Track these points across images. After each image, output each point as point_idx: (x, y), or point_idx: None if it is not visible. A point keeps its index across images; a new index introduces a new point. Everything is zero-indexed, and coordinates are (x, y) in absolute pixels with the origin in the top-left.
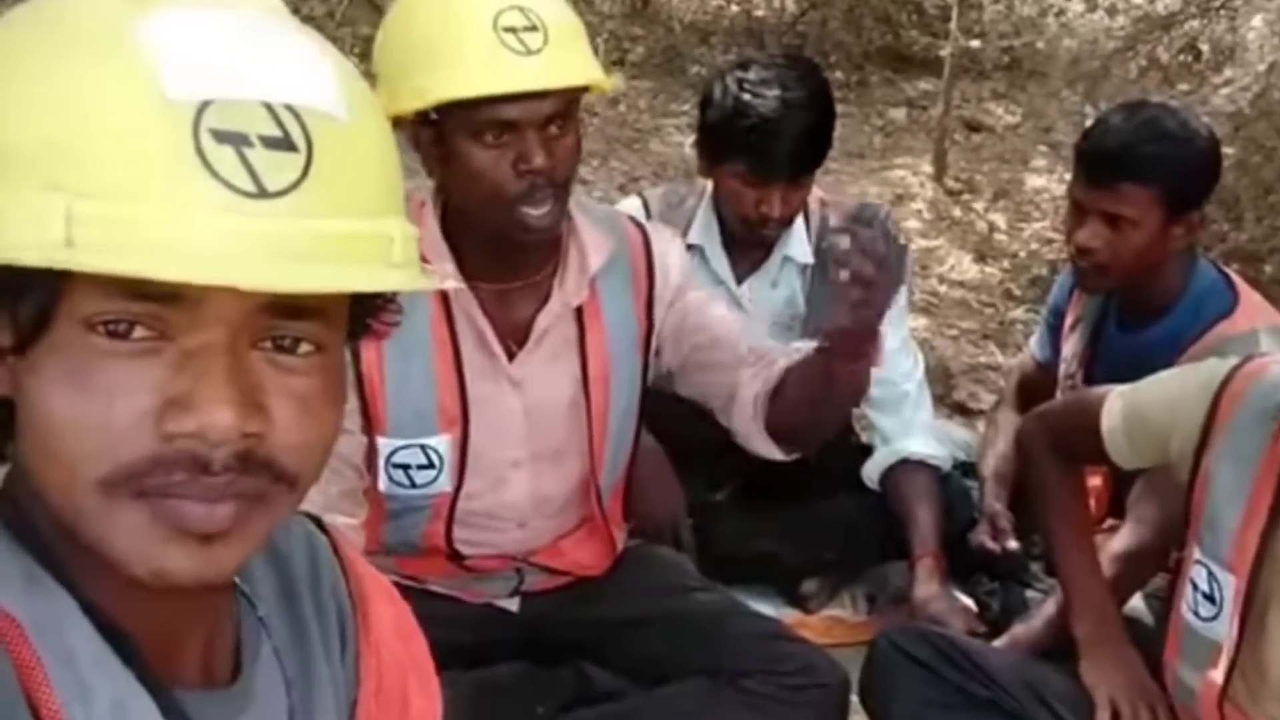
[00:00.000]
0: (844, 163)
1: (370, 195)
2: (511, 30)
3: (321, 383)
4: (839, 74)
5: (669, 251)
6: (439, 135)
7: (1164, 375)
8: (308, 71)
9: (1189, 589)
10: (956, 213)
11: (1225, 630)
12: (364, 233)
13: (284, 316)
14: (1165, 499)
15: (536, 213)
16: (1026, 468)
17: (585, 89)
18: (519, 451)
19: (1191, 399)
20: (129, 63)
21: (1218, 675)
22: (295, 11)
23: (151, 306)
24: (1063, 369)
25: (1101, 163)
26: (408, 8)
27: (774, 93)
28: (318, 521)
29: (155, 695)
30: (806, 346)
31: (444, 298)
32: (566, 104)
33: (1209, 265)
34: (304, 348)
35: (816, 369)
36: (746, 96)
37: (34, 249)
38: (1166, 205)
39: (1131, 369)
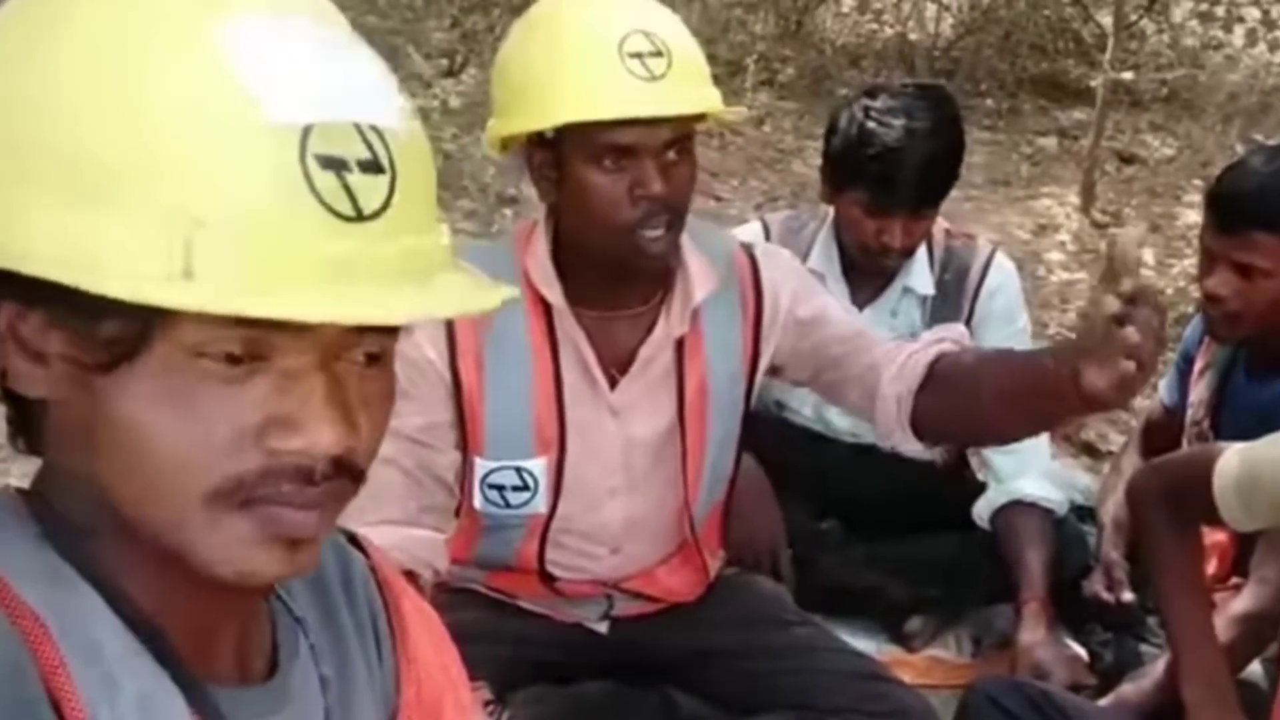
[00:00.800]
0: (988, 190)
1: (432, 207)
2: (636, 55)
3: (388, 384)
4: (990, 101)
5: (779, 277)
6: (556, 158)
7: None
8: (380, 89)
9: None
10: (1102, 246)
11: None
12: (437, 245)
13: (372, 332)
14: None
15: (652, 236)
16: (1138, 521)
17: (703, 117)
18: (615, 479)
19: None
20: (226, 88)
21: None
22: None
23: (258, 333)
24: (1189, 415)
25: (1233, 209)
26: (530, 29)
27: (899, 122)
28: (352, 538)
29: (185, 690)
30: (952, 334)
31: (548, 321)
32: (685, 131)
33: None
34: (382, 356)
35: (1049, 388)
36: (871, 125)
37: (152, 281)
38: None
39: (1258, 421)
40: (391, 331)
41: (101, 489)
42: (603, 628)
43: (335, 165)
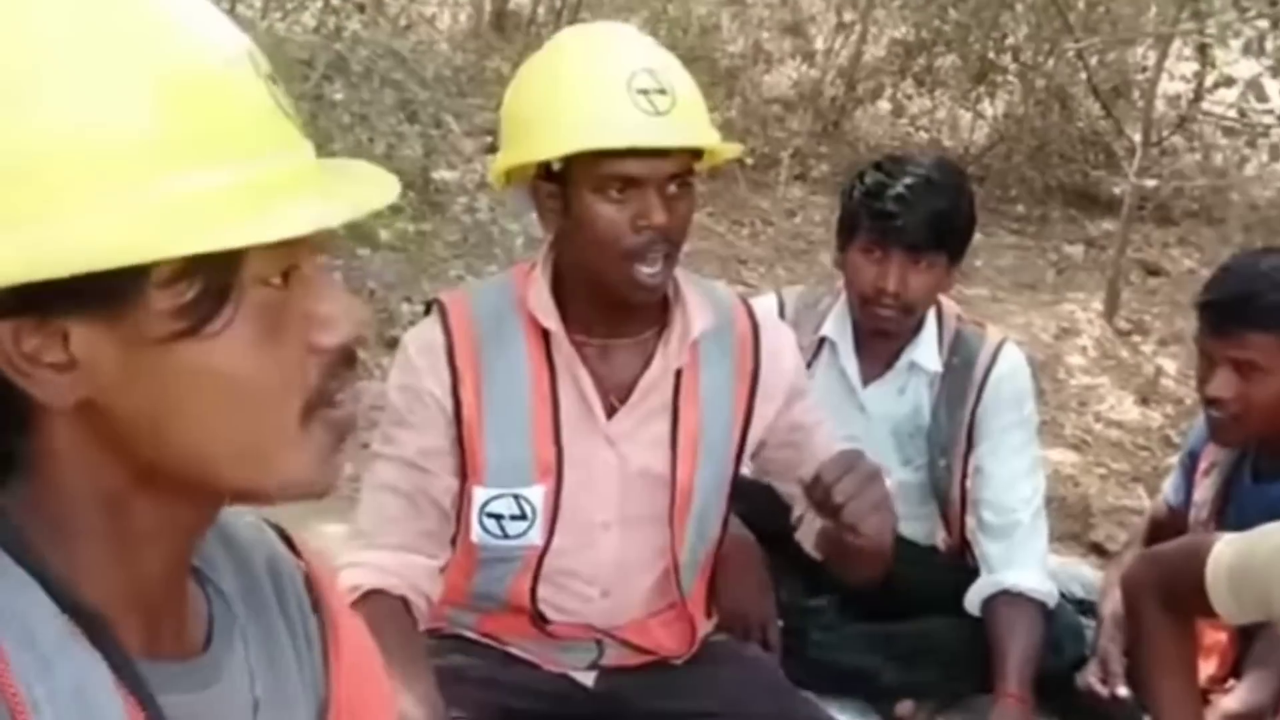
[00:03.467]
0: (1013, 293)
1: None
2: (643, 92)
3: None
4: (1020, 207)
5: (782, 344)
6: (562, 188)
7: (1275, 526)
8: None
9: None
10: (1123, 353)
11: None
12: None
13: None
14: None
15: (648, 270)
16: (1131, 610)
17: (700, 156)
18: (609, 513)
19: None
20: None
21: None
22: None
23: (292, 248)
24: (1193, 515)
25: (1224, 311)
26: (542, 64)
27: (908, 170)
28: (286, 538)
29: (118, 671)
30: None
31: (547, 349)
32: (687, 166)
33: None
34: None
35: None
36: (881, 176)
37: (240, 225)
38: None
39: (1265, 520)
40: None
41: (138, 469)
42: (589, 679)
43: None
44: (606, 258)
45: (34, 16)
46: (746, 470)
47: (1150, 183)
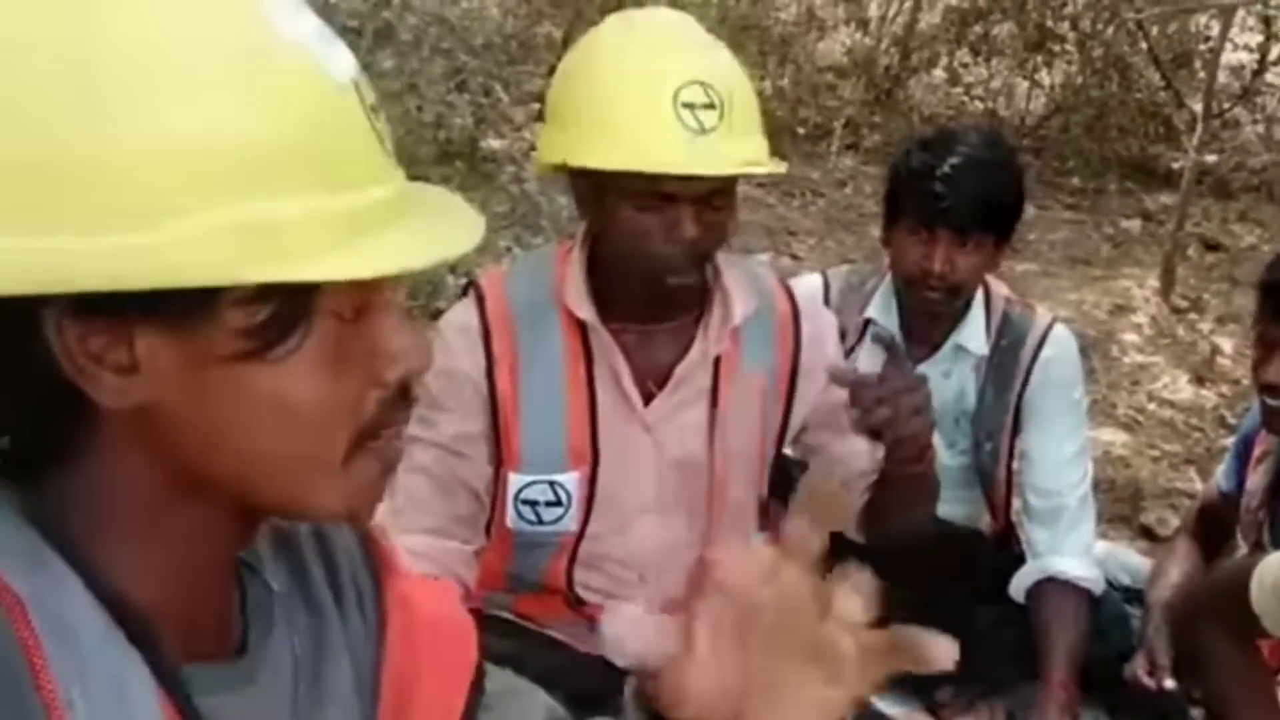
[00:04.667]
0: (1066, 267)
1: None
2: (690, 106)
3: None
4: (1076, 180)
5: (822, 329)
6: (598, 188)
7: None
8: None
9: None
10: (1179, 331)
11: None
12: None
13: None
14: None
15: (675, 280)
16: (1188, 647)
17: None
18: (646, 498)
19: None
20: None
21: None
22: None
23: (373, 286)
24: (1244, 503)
25: None
26: (591, 61)
27: (955, 149)
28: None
29: (156, 671)
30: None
31: (583, 335)
32: (728, 181)
33: None
34: None
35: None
36: (925, 154)
37: (327, 255)
38: None
39: None
40: None
41: (181, 475)
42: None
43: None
44: (637, 265)
45: (160, 14)
46: (790, 452)
47: (1211, 157)
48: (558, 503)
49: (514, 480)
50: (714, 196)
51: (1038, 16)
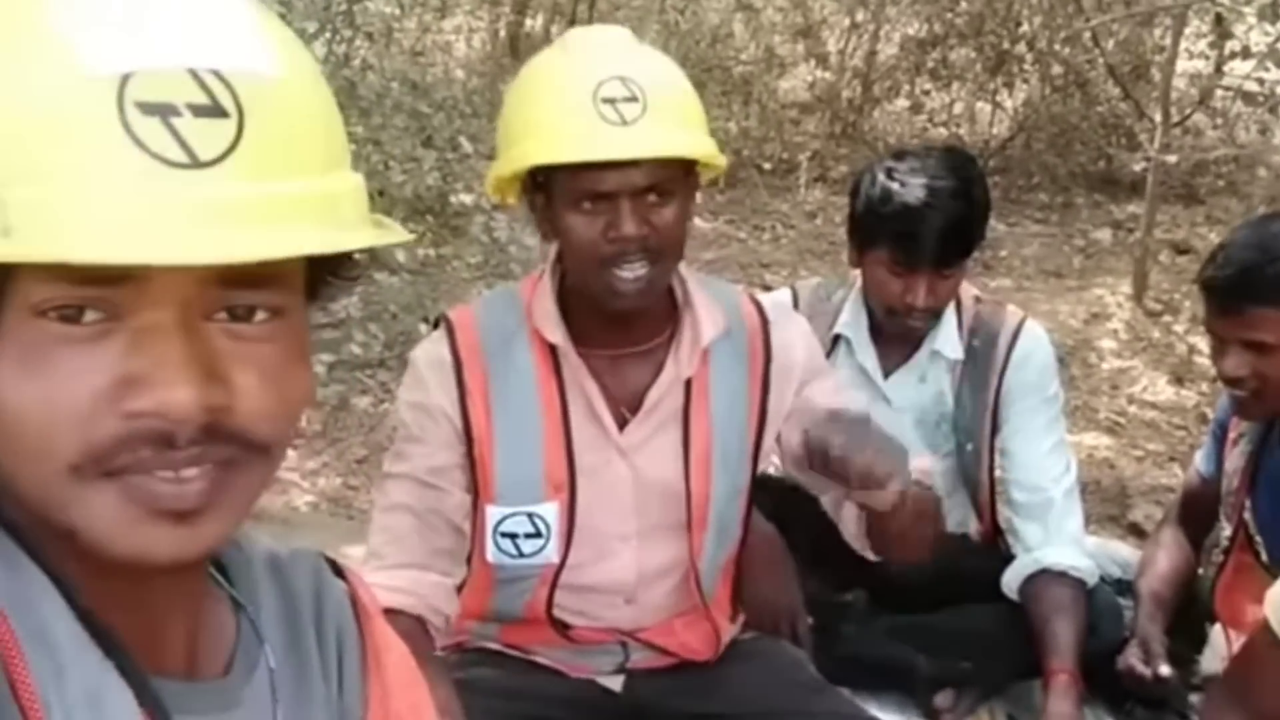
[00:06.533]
0: (1040, 281)
1: (311, 153)
2: (610, 101)
3: (283, 347)
4: (1043, 195)
5: (791, 336)
6: (547, 201)
7: None
8: (231, 32)
9: None
10: (1155, 334)
11: None
12: (305, 193)
13: (235, 287)
14: None
15: (624, 275)
16: None
17: (694, 163)
18: (626, 525)
19: None
20: (45, 40)
21: None
22: None
23: (99, 289)
24: (1224, 484)
25: (1226, 291)
26: (522, 78)
27: (919, 180)
28: (336, 567)
29: (132, 682)
30: (921, 463)
31: (555, 362)
32: (668, 175)
33: None
34: (260, 315)
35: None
36: (894, 185)
37: None
38: None
39: None
40: (275, 289)
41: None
42: (616, 684)
43: (160, 111)
44: (585, 266)
45: None
46: (774, 469)
47: (1172, 158)
48: (537, 534)
49: (492, 513)
50: (653, 189)
51: (995, 39)
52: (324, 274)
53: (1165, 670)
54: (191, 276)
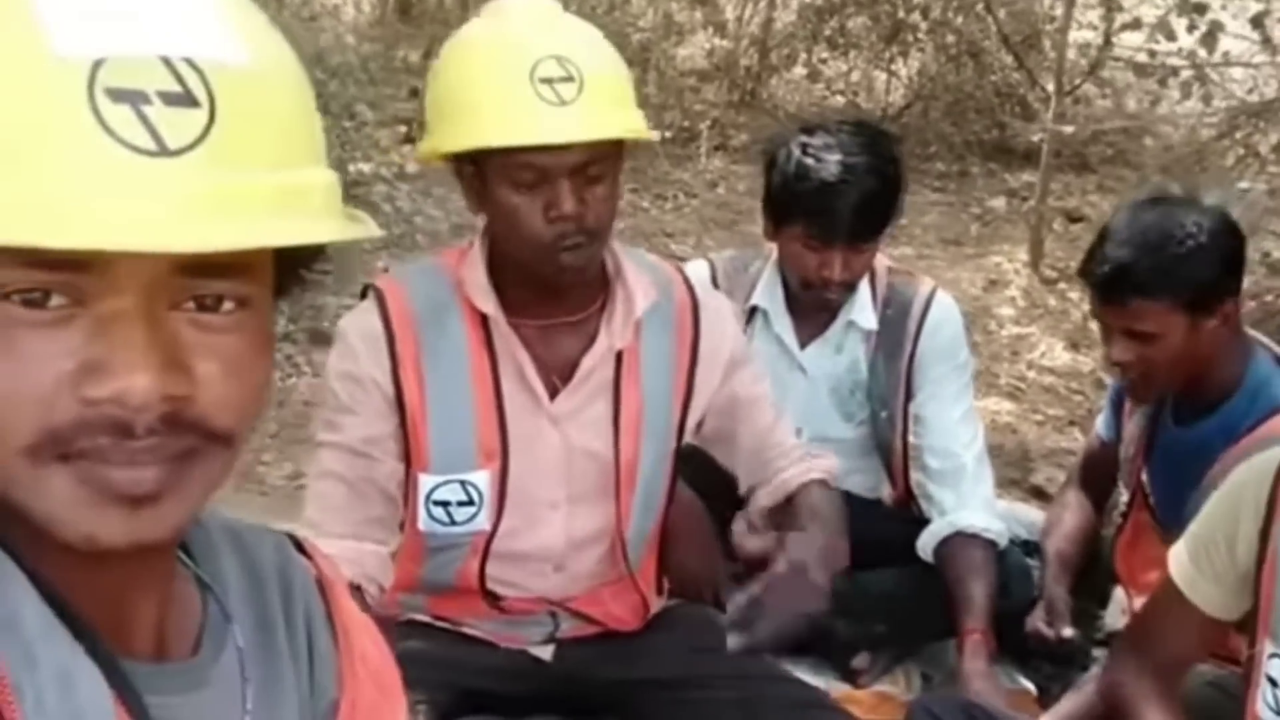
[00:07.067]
0: (939, 249)
1: (283, 144)
2: (547, 81)
3: (249, 338)
4: (940, 164)
5: (722, 320)
6: (479, 175)
7: (1216, 494)
8: (206, 20)
9: (1266, 686)
10: (1051, 301)
11: None
12: (277, 184)
13: (201, 276)
14: None
15: (569, 257)
16: (1120, 711)
17: (622, 140)
18: (557, 492)
19: (1251, 494)
20: (18, 22)
21: None
22: None
23: (63, 274)
24: (1123, 451)
25: (1105, 284)
26: (454, 52)
27: (835, 157)
28: (299, 545)
29: (102, 665)
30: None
31: (486, 332)
32: (602, 153)
33: (1270, 357)
34: (226, 305)
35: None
36: (809, 160)
37: None
38: (1186, 309)
39: (1187, 461)
40: (242, 279)
41: None
42: (546, 653)
43: (131, 98)
44: (527, 247)
45: None
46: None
47: (1068, 129)
48: (470, 502)
49: (425, 481)
50: (589, 168)
51: (890, 7)
52: (294, 266)
53: (1068, 632)
54: (157, 264)
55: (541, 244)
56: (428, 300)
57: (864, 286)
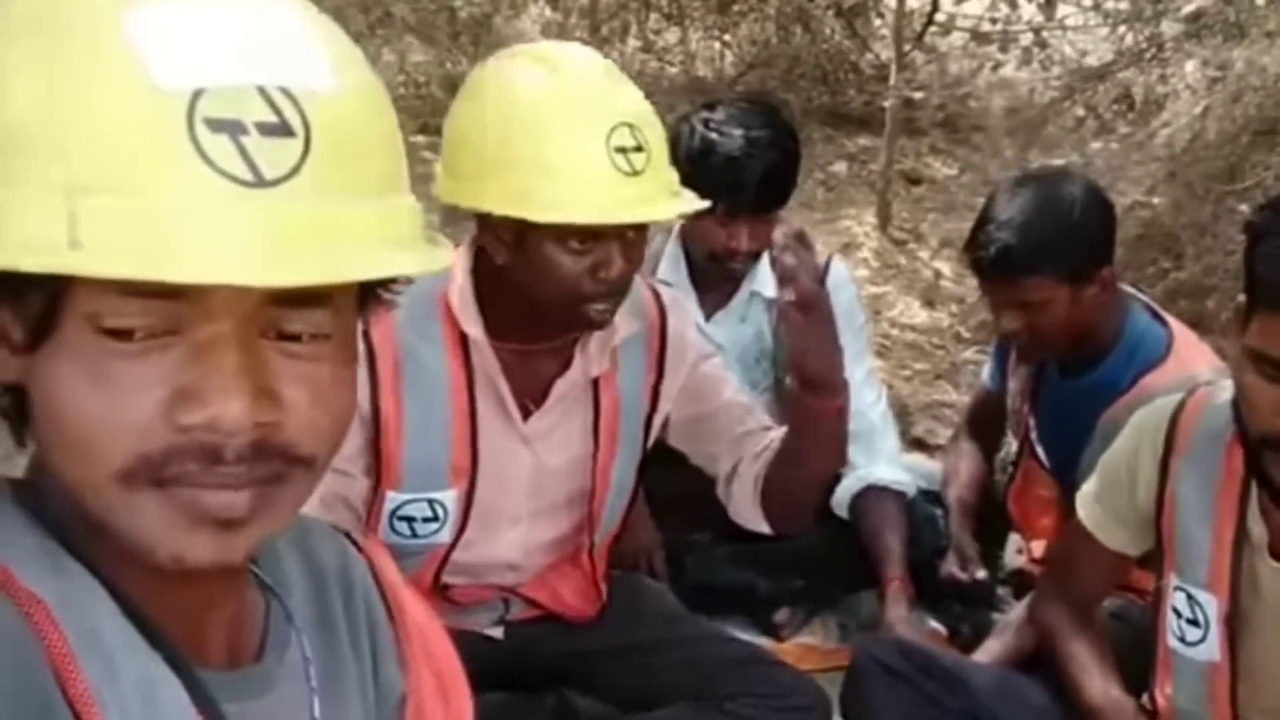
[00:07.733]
0: (791, 214)
1: (373, 173)
2: (622, 150)
3: (333, 364)
4: None
5: (685, 330)
6: (518, 227)
7: (1117, 440)
8: (301, 50)
9: (1172, 617)
10: (902, 261)
11: (1214, 651)
12: (366, 214)
13: (291, 306)
14: None
15: (599, 307)
16: (1049, 645)
17: None
18: (520, 507)
19: (1149, 439)
20: (118, 52)
21: (1223, 693)
22: None
23: (159, 303)
24: (1009, 402)
25: (993, 264)
26: (511, 104)
27: (739, 131)
28: (354, 541)
29: (181, 675)
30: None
31: (465, 353)
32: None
33: (1143, 310)
34: (314, 332)
35: (796, 418)
36: (714, 136)
37: (39, 252)
38: (1067, 279)
39: (1073, 411)
40: (328, 308)
41: (61, 477)
42: (498, 633)
43: (229, 128)
44: (560, 298)
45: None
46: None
47: (918, 94)
48: (434, 519)
49: (391, 498)
50: (638, 229)
51: None
52: (376, 286)
53: (981, 574)
54: (249, 295)
55: (578, 297)
56: (411, 320)
57: (765, 257)
